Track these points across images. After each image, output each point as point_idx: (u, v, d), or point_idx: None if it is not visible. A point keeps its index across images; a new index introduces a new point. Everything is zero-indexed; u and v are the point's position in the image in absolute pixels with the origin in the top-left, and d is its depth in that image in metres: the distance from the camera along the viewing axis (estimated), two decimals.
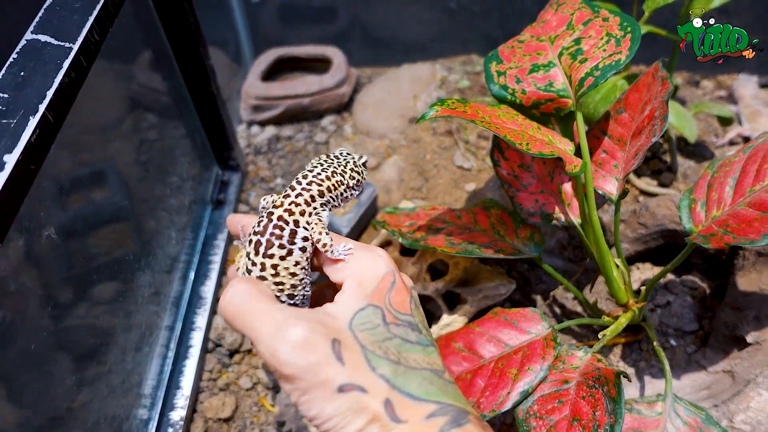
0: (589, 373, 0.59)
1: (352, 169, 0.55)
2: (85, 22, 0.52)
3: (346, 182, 0.54)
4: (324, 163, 0.55)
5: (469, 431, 0.40)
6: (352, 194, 0.56)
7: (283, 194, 0.52)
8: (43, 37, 0.50)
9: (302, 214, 0.50)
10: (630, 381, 0.59)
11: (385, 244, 0.89)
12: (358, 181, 0.55)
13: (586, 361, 0.63)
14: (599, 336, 0.68)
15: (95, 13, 0.53)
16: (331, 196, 0.53)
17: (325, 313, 0.44)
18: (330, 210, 0.54)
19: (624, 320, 0.71)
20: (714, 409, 0.75)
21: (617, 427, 0.53)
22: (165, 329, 0.84)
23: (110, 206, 0.80)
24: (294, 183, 0.53)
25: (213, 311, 0.90)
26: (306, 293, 0.52)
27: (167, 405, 0.78)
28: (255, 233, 0.50)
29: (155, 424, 0.76)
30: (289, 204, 0.50)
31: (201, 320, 0.87)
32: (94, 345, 0.69)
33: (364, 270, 0.47)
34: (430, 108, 0.60)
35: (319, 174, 0.53)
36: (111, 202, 0.80)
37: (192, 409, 0.80)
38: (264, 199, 0.55)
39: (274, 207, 0.51)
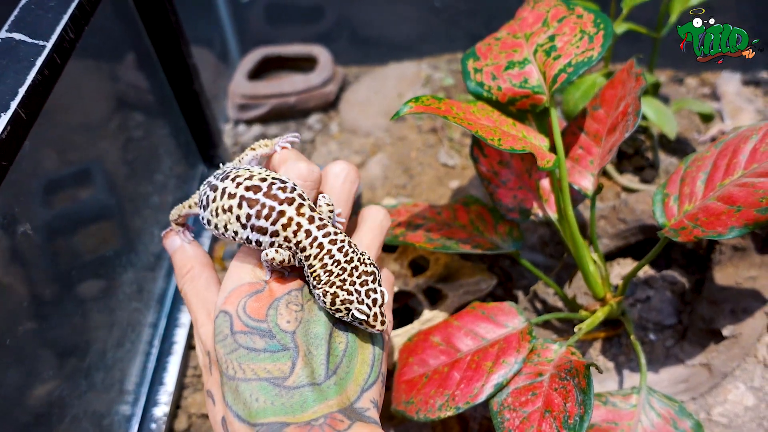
0: (562, 366, 0.60)
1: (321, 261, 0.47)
2: (59, 21, 0.53)
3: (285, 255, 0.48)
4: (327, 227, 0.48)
5: None
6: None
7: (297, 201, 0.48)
8: (17, 35, 0.51)
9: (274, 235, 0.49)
10: (600, 372, 0.59)
11: None
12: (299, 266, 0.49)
13: (561, 354, 0.63)
14: (575, 330, 0.69)
15: (70, 11, 0.54)
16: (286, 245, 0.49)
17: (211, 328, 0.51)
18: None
19: (601, 314, 0.72)
20: (692, 402, 0.76)
21: (586, 417, 0.53)
22: (148, 326, 0.84)
23: (95, 204, 0.81)
24: (305, 204, 0.48)
25: None
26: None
27: (150, 401, 0.79)
28: (264, 180, 0.48)
29: (138, 420, 0.77)
30: (299, 217, 0.48)
31: (185, 317, 0.87)
32: (75, 341, 0.70)
33: (227, 278, 0.51)
34: (404, 104, 0.61)
35: (311, 214, 0.48)
36: (96, 201, 0.81)
37: (176, 405, 0.81)
38: (255, 153, 0.53)
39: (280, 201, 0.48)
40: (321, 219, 0.48)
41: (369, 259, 0.49)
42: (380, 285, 0.49)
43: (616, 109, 0.70)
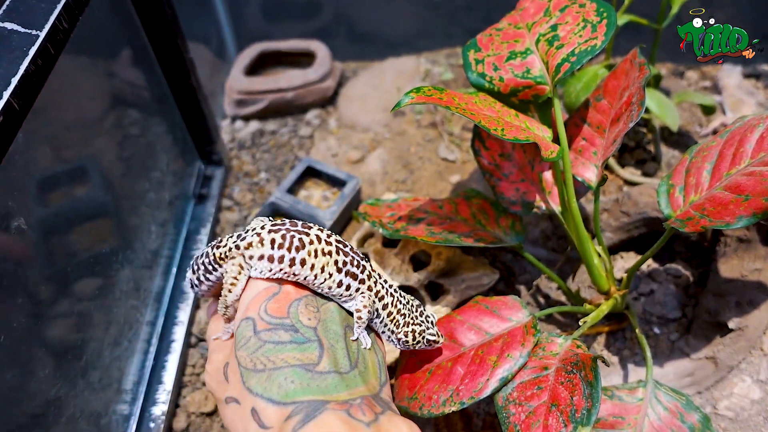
0: (568, 359, 0.59)
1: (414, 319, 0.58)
2: (52, 10, 0.52)
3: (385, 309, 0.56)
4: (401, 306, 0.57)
5: (322, 420, 0.42)
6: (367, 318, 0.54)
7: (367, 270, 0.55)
8: (9, 25, 0.50)
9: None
10: (608, 365, 0.58)
11: (367, 236, 0.89)
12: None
13: (566, 348, 0.62)
14: (580, 323, 0.68)
15: (63, 1, 0.53)
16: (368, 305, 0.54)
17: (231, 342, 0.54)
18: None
19: (605, 308, 0.71)
20: (697, 396, 0.75)
21: (594, 411, 0.52)
22: (147, 324, 0.83)
23: (91, 202, 0.79)
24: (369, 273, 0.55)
25: (195, 306, 0.89)
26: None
27: (149, 400, 0.78)
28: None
29: (136, 419, 0.75)
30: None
31: (183, 315, 0.86)
32: (72, 340, 0.68)
33: (245, 294, 0.53)
34: (406, 95, 0.60)
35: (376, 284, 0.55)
36: (92, 198, 0.80)
37: (174, 404, 0.80)
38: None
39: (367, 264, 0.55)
40: (380, 275, 0.57)
41: (407, 294, 0.60)
42: (425, 307, 0.61)
43: (620, 99, 0.69)
